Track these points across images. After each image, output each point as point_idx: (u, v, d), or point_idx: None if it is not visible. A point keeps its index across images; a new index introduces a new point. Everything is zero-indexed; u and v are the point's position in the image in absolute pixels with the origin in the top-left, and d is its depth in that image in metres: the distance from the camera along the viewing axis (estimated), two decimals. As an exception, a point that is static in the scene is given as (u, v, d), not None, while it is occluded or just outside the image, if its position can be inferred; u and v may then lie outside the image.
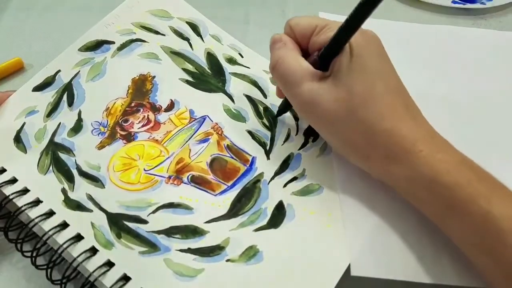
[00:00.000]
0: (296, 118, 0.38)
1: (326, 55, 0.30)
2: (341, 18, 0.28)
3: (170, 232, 0.31)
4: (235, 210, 0.32)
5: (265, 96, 0.39)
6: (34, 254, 0.30)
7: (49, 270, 0.29)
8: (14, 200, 0.31)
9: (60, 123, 0.36)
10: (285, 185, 0.33)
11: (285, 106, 0.37)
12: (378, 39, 0.30)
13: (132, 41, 0.41)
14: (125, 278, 0.29)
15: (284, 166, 0.35)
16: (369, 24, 0.28)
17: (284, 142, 0.36)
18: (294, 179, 0.34)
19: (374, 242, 0.30)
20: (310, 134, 0.36)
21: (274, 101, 0.39)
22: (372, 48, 0.30)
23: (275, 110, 0.38)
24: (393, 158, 0.28)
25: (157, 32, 0.42)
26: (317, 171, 0.34)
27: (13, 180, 0.32)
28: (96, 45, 0.40)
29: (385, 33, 0.31)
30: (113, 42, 0.41)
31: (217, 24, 0.44)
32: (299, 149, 0.36)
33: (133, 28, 0.42)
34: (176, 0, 0.44)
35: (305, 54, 0.32)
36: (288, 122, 0.37)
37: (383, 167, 0.29)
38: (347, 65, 0.29)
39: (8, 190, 0.32)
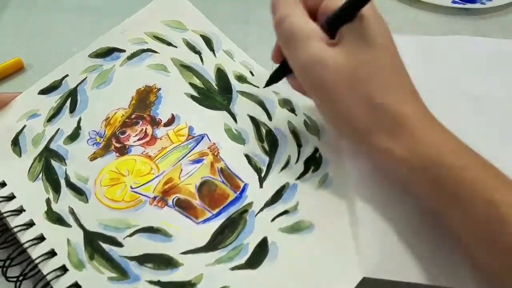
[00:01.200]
0: (299, 145, 0.35)
1: (335, 22, 0.29)
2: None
3: (143, 259, 0.29)
4: (215, 242, 0.30)
5: (270, 118, 0.37)
6: (7, 265, 0.29)
7: (18, 283, 0.28)
8: (-2, 205, 0.31)
9: (59, 129, 0.36)
10: (273, 219, 0.31)
11: (279, 73, 0.34)
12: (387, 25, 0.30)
13: (143, 51, 0.40)
14: (90, 303, 0.27)
15: (277, 197, 0.32)
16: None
17: (282, 169, 0.34)
18: (284, 212, 0.31)
19: (388, 243, 0.29)
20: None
21: (278, 125, 0.36)
22: (383, 26, 0.29)
23: (278, 135, 0.36)
24: (396, 134, 0.27)
25: (169, 44, 0.41)
26: (311, 207, 0.32)
27: (2, 184, 0.32)
28: (107, 52, 0.40)
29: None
30: (123, 51, 0.40)
31: (217, 24, 0.42)
32: (297, 178, 0.33)
33: (146, 38, 0.41)
34: (193, 12, 0.43)
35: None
36: (290, 148, 0.35)
37: (384, 145, 0.27)
38: (356, 34, 0.28)
39: (-5, 194, 0.32)
